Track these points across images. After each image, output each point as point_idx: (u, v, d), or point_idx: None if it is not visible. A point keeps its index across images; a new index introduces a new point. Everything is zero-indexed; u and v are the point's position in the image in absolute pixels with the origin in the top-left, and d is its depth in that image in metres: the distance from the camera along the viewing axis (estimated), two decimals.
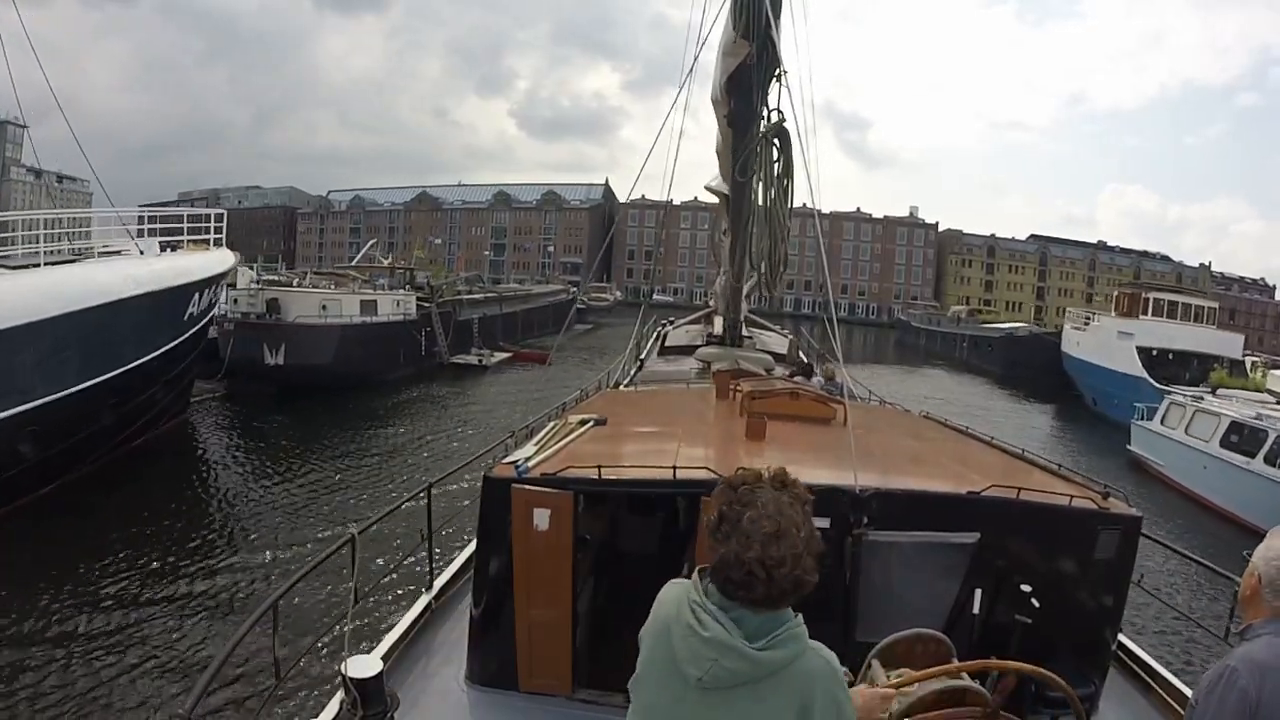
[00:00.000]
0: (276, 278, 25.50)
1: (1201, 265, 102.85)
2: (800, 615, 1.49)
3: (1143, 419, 19.02)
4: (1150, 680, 3.60)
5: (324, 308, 21.34)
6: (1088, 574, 3.11)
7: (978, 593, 3.00)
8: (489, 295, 37.83)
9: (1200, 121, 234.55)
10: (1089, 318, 29.28)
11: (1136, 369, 24.62)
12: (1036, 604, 2.86)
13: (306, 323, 20.67)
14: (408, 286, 27.36)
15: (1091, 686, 3.01)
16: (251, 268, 32.72)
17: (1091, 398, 27.68)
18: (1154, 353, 25.04)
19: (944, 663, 2.44)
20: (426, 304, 27.33)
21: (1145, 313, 26.46)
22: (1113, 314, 27.89)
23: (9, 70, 12.47)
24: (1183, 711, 2.85)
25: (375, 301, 23.59)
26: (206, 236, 17.80)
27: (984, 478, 3.16)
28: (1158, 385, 23.02)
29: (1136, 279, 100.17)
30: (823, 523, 2.24)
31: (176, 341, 15.25)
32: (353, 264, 30.24)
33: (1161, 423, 17.93)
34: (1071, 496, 3.13)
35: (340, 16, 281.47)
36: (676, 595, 1.56)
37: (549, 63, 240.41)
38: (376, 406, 19.85)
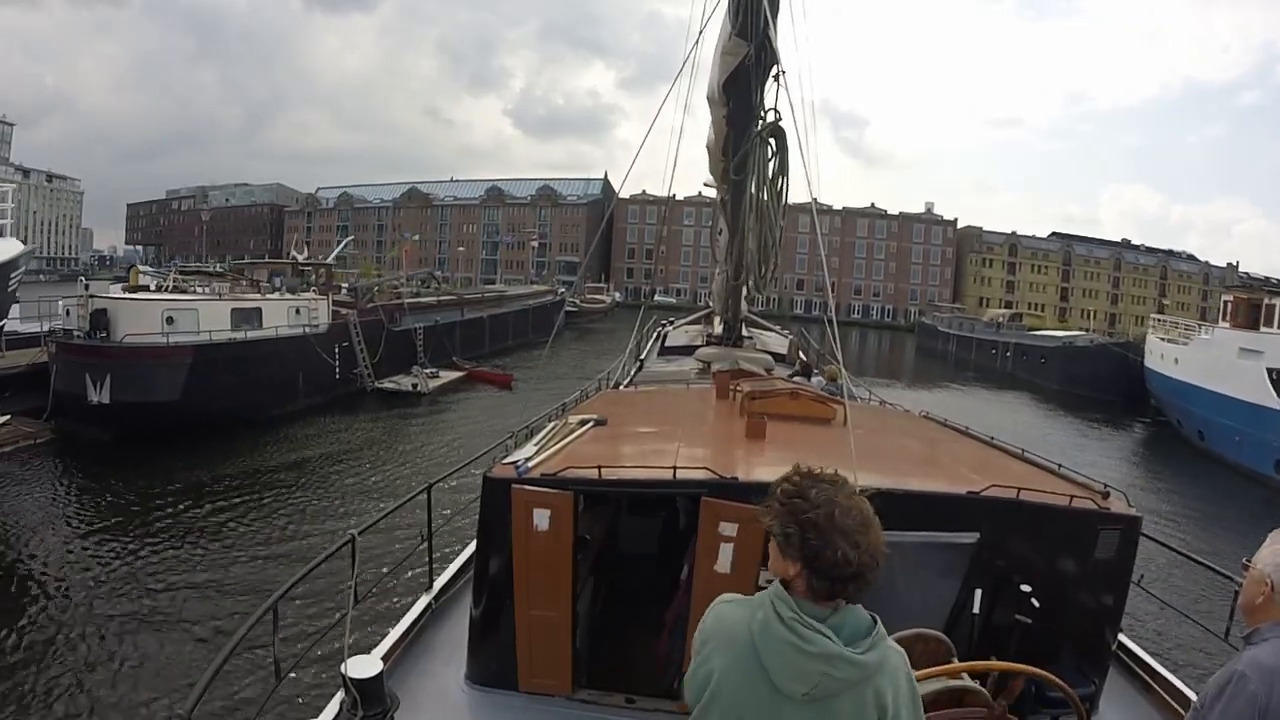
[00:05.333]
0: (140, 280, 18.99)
1: (1229, 265, 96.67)
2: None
3: None
4: (1150, 680, 3.57)
5: (170, 321, 15.24)
6: (1088, 574, 3.06)
7: (978, 593, 2.97)
8: (444, 298, 31.10)
9: (1203, 120, 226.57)
10: (1193, 328, 23.41)
11: (1270, 398, 18.98)
12: (1036, 604, 2.86)
13: (140, 344, 14.69)
14: (315, 289, 21.04)
15: (1091, 686, 2.96)
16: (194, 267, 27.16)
17: (1198, 430, 21.93)
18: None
19: (944, 663, 2.44)
20: (348, 310, 21.51)
21: (1270, 324, 20.56)
22: (1224, 324, 21.97)
23: None
24: (1183, 712, 3.03)
25: (258, 310, 17.50)
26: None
27: (984, 478, 3.14)
28: None
29: (1164, 279, 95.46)
30: None
31: None
32: (301, 260, 23.68)
33: None
34: (1071, 496, 3.10)
35: (327, 15, 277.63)
36: (746, 614, 1.52)
37: (541, 60, 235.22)
38: (226, 469, 13.72)
